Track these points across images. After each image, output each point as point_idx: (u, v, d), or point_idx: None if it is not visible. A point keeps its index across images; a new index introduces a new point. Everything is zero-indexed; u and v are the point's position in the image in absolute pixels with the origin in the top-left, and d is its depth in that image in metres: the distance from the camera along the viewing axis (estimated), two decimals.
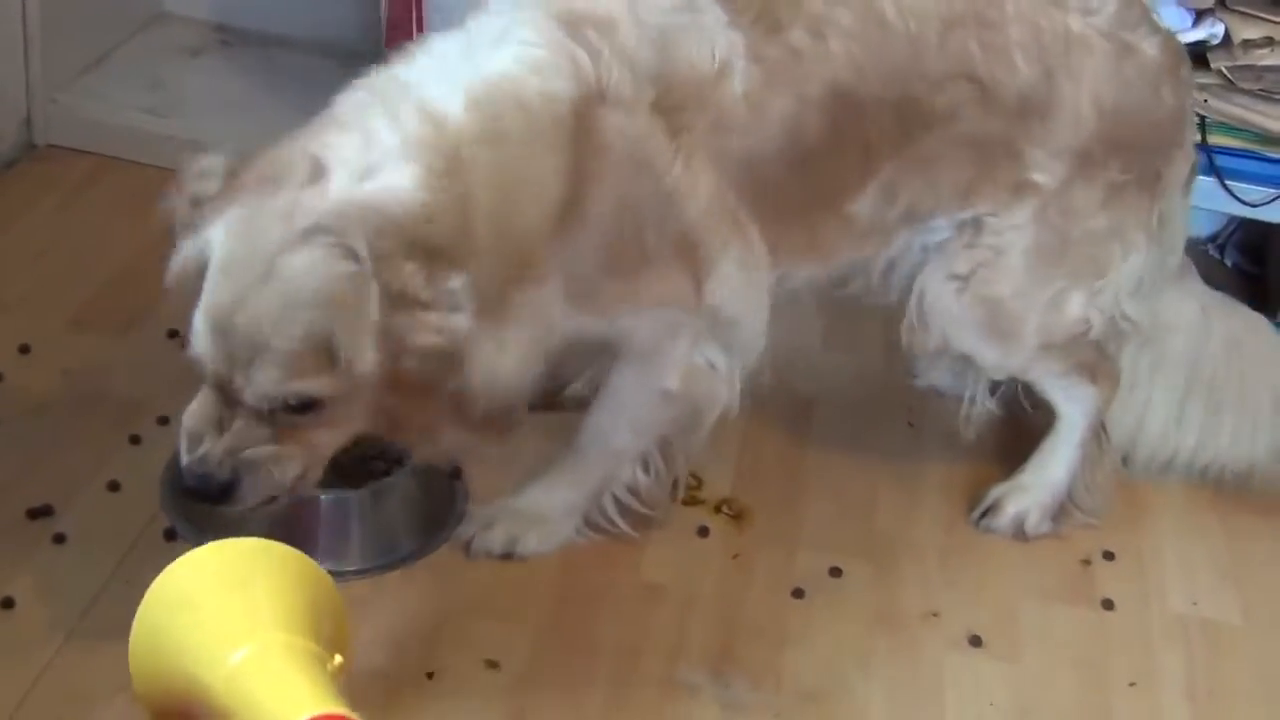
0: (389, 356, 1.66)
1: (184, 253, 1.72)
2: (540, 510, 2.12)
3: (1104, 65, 2.04)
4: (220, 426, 1.72)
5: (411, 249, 1.65)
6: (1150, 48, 2.08)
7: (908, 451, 2.44)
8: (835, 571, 2.17)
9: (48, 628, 1.89)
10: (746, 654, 2.01)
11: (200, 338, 1.69)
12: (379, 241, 1.63)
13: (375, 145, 1.70)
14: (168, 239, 1.99)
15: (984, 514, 2.29)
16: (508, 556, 2.10)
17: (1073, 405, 2.26)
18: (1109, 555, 2.26)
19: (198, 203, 1.76)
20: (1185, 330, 2.33)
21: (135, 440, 2.21)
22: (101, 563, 2.00)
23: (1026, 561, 2.25)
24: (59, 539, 2.03)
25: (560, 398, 2.30)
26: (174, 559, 1.67)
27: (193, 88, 3.08)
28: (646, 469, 2.10)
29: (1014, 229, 2.09)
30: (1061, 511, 2.29)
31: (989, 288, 2.12)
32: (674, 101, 1.87)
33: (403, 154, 1.69)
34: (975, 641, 2.08)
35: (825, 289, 2.18)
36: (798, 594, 2.13)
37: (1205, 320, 2.34)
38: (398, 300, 1.64)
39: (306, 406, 1.70)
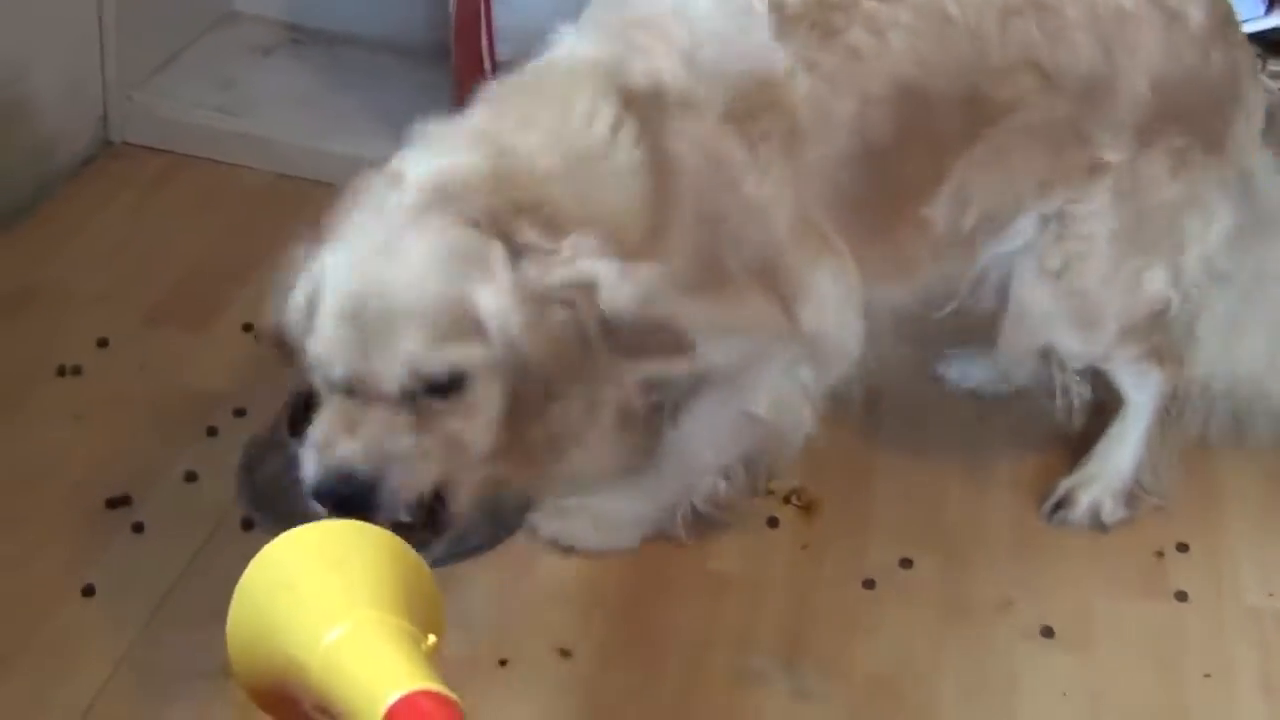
0: (532, 313, 1.61)
1: (296, 290, 1.69)
2: (610, 514, 2.12)
3: (1155, 36, 2.02)
4: (353, 429, 1.63)
5: (516, 210, 1.64)
6: (1196, 12, 2.06)
7: (976, 443, 2.42)
8: (905, 563, 2.17)
9: (126, 615, 1.93)
10: (817, 644, 2.01)
11: (327, 339, 1.63)
12: (487, 201, 1.63)
13: (436, 148, 1.73)
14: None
15: (1056, 507, 2.28)
16: (569, 550, 2.11)
17: (1141, 392, 2.25)
18: (1182, 547, 2.24)
19: (301, 252, 1.73)
20: None
21: (212, 432, 2.23)
22: (178, 552, 2.03)
23: (1098, 553, 2.23)
24: (137, 528, 2.06)
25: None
26: (250, 548, 1.66)
27: (264, 86, 3.11)
28: (728, 478, 2.09)
29: (1096, 215, 2.07)
30: (1132, 497, 2.28)
31: (1082, 280, 2.10)
32: (746, 108, 1.85)
33: (465, 147, 1.72)
34: (1047, 633, 2.07)
35: (915, 316, 2.16)
36: (868, 584, 2.12)
37: None
38: (523, 252, 1.62)
39: (451, 385, 1.63)
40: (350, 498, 1.62)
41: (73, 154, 2.84)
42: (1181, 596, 2.16)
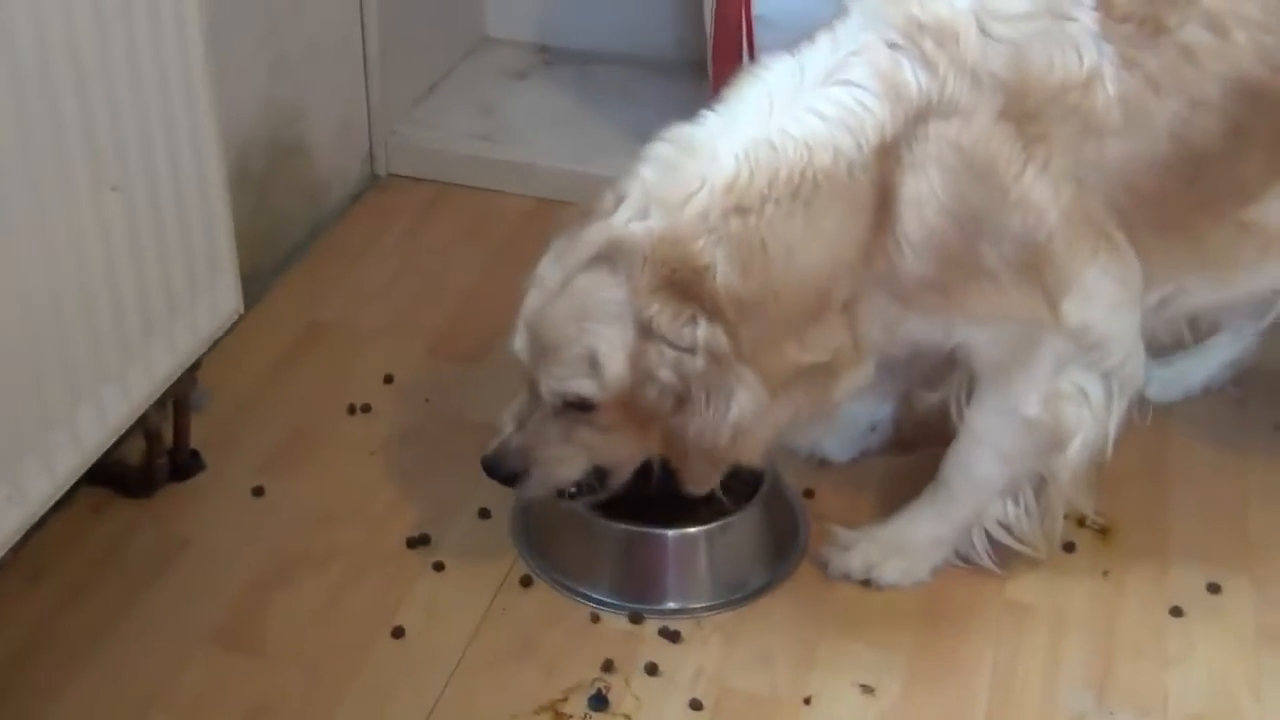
0: (636, 378, 1.81)
1: (528, 277, 1.95)
2: (903, 541, 2.10)
3: None
4: (523, 423, 1.93)
5: (658, 288, 1.80)
6: None
7: (1276, 451, 2.32)
8: (1213, 587, 2.09)
9: (438, 655, 1.97)
10: (1128, 676, 1.96)
11: (517, 336, 1.91)
12: (636, 275, 1.80)
13: (649, 193, 1.84)
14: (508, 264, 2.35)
15: None
16: (865, 583, 2.09)
17: None
18: None
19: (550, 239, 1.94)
20: None
21: None
22: (480, 590, 2.07)
23: None
24: (438, 567, 2.10)
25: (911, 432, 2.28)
26: (539, 598, 1.88)
27: (520, 110, 3.15)
28: (1017, 502, 2.04)
29: None
30: None
31: None
32: (1028, 108, 1.81)
33: (660, 210, 1.82)
34: None
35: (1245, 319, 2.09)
36: (1175, 612, 2.05)
37: None
38: (645, 331, 1.80)
39: (583, 406, 1.87)
40: (504, 479, 1.96)
41: (344, 190, 2.93)
42: None
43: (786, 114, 1.82)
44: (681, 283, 1.79)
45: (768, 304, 1.81)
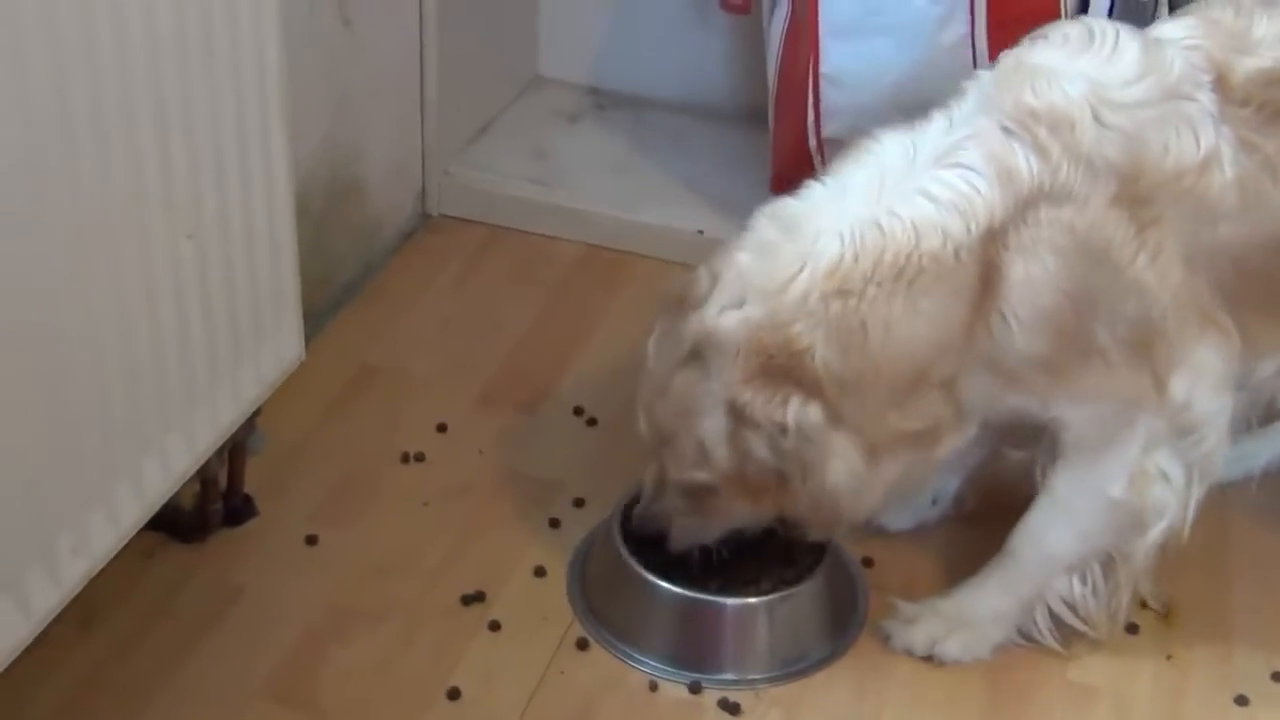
0: (737, 459, 1.86)
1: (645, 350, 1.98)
2: (966, 614, 2.07)
3: None
4: (658, 491, 2.01)
5: (752, 377, 1.81)
6: None
7: None
8: (1277, 676, 2.06)
9: (495, 719, 1.94)
10: None
11: (640, 421, 1.96)
12: (729, 369, 1.81)
13: (745, 279, 1.83)
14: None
15: None
16: (928, 658, 2.06)
17: None
18: None
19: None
20: None
21: (555, 524, 2.24)
22: (537, 652, 2.04)
23: None
24: (494, 627, 2.07)
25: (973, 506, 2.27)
26: (597, 662, 1.84)
27: (573, 155, 3.12)
28: (1084, 580, 2.01)
29: None
30: None
31: None
32: (1141, 193, 1.80)
33: (757, 296, 1.81)
34: None
35: None
36: (1240, 701, 2.03)
37: None
38: (739, 417, 1.81)
39: (705, 487, 1.92)
40: (651, 538, 2.04)
41: (395, 229, 2.90)
42: None
43: (896, 194, 1.81)
44: (778, 368, 1.79)
45: (868, 378, 1.80)
